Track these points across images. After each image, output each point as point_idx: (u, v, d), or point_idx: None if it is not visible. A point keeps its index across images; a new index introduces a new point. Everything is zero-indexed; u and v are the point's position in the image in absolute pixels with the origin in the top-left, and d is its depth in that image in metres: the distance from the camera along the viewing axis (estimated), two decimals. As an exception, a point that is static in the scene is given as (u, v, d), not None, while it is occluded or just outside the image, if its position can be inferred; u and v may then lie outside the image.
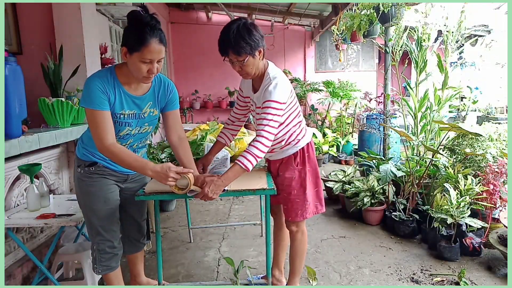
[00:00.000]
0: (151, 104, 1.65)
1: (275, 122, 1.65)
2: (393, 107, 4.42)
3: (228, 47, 1.62)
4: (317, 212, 1.93)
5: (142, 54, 1.41)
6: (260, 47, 1.66)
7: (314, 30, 7.43)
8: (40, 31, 2.96)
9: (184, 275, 2.44)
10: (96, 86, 1.47)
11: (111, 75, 1.52)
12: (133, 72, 1.49)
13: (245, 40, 1.59)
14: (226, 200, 4.03)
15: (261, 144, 1.60)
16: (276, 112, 1.64)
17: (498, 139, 2.91)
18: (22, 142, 2.03)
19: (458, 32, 3.07)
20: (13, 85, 1.94)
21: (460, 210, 2.47)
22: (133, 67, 1.46)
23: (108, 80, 1.51)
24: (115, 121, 1.55)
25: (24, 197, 2.22)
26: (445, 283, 2.26)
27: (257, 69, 1.72)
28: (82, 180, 1.68)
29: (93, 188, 1.68)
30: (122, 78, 1.53)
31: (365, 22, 3.54)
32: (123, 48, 1.43)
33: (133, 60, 1.44)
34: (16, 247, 2.16)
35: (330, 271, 2.45)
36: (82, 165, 1.67)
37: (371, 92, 6.35)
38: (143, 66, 1.45)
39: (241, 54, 1.61)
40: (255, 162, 1.60)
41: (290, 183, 1.86)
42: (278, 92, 1.66)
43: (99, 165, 1.66)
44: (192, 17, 7.21)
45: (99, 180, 1.68)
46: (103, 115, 1.47)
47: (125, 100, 1.55)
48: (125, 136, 1.63)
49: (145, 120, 1.65)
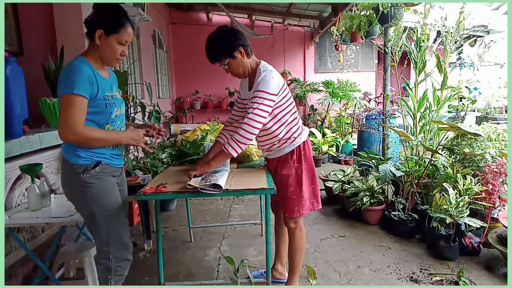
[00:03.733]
0: (115, 87, 1.74)
1: (262, 111, 1.72)
2: (392, 107, 4.42)
3: (209, 56, 1.81)
4: (313, 208, 1.99)
5: (120, 35, 1.55)
6: (238, 47, 1.77)
7: (313, 31, 7.44)
8: (41, 32, 2.97)
9: (184, 274, 2.45)
10: (84, 74, 1.50)
11: (86, 63, 1.56)
12: (107, 55, 1.58)
13: (218, 46, 1.78)
14: (226, 199, 4.04)
15: (246, 132, 1.71)
16: (263, 102, 1.72)
17: (497, 139, 2.92)
18: (23, 142, 2.04)
19: (457, 33, 3.08)
20: (14, 85, 1.95)
21: (459, 209, 2.48)
22: (108, 48, 1.56)
23: (87, 67, 1.55)
24: (106, 104, 1.58)
25: (25, 196, 2.23)
26: (444, 283, 2.27)
27: (245, 67, 1.83)
28: (90, 184, 1.58)
29: (103, 189, 1.62)
30: (94, 64, 1.59)
31: (364, 22, 3.55)
32: (99, 31, 1.52)
33: (110, 41, 1.55)
34: (17, 247, 2.16)
35: (330, 270, 2.46)
36: (87, 169, 1.58)
37: (370, 92, 6.35)
38: (119, 48, 1.57)
39: (220, 59, 1.79)
40: (239, 149, 1.73)
41: (287, 180, 1.92)
42: (267, 83, 1.74)
43: (103, 164, 1.62)
44: (192, 18, 7.23)
45: (108, 180, 1.64)
46: (84, 102, 1.50)
47: (105, 83, 1.61)
48: (115, 118, 1.65)
49: (120, 101, 1.71)
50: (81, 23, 2.91)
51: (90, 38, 1.57)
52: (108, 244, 1.65)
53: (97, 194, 1.60)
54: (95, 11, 1.55)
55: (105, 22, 1.54)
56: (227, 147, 1.72)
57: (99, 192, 1.60)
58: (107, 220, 1.63)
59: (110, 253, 1.65)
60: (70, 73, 1.49)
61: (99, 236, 1.65)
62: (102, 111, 1.57)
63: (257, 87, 1.75)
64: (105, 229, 1.63)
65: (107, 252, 1.65)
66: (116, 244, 1.65)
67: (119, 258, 1.66)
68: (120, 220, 1.67)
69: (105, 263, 1.66)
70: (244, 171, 2.05)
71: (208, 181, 1.66)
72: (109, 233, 1.64)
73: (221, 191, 1.61)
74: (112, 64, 1.65)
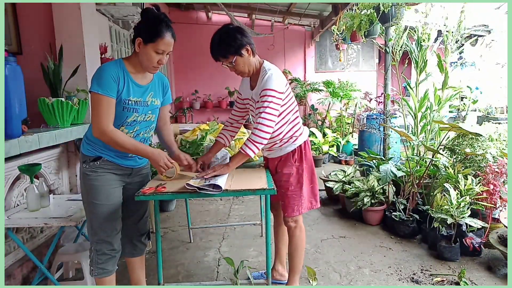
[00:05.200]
0: (152, 94, 1.77)
1: (273, 110, 1.74)
2: (393, 107, 4.41)
3: (215, 53, 1.79)
4: (311, 207, 2.01)
5: (157, 45, 1.59)
6: (245, 45, 1.77)
7: (314, 30, 7.42)
8: (40, 31, 2.95)
9: (184, 275, 2.44)
10: (109, 73, 1.58)
11: (120, 65, 1.66)
12: (144, 62, 1.64)
13: (227, 43, 1.75)
14: (226, 200, 4.03)
15: (261, 131, 1.72)
16: (273, 100, 1.74)
17: (498, 139, 2.91)
18: (22, 142, 2.02)
19: (458, 32, 3.07)
20: (13, 85, 1.94)
21: (460, 210, 2.47)
22: (145, 57, 1.61)
23: (118, 68, 1.64)
24: (123, 107, 1.65)
25: (24, 197, 2.22)
26: (445, 283, 2.26)
27: (250, 66, 1.83)
28: (87, 174, 1.70)
29: (97, 182, 1.70)
30: (130, 68, 1.67)
31: (365, 22, 3.54)
32: (138, 39, 1.60)
33: (147, 50, 1.60)
34: (16, 247, 2.15)
35: (330, 271, 2.45)
36: (87, 160, 1.70)
37: (371, 92, 6.35)
38: (155, 56, 1.61)
39: (228, 56, 1.77)
40: (256, 149, 1.73)
41: (288, 179, 1.93)
42: (275, 81, 1.75)
43: (103, 160, 1.71)
44: (192, 17, 7.21)
45: (103, 175, 1.72)
46: (110, 102, 1.58)
47: (132, 88, 1.67)
48: (132, 122, 1.71)
49: (148, 108, 1.76)
50: (80, 23, 2.92)
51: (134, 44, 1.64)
52: (91, 234, 1.76)
53: (90, 185, 1.70)
54: (141, 18, 1.63)
55: (144, 30, 1.59)
56: (244, 148, 1.73)
57: (92, 184, 1.70)
58: (93, 212, 1.71)
59: (92, 243, 1.75)
60: (98, 71, 1.60)
61: (88, 226, 1.77)
62: (117, 113, 1.64)
63: (265, 85, 1.75)
64: (90, 220, 1.74)
65: (91, 243, 1.76)
66: (96, 237, 1.73)
67: (99, 251, 1.74)
68: (106, 216, 1.73)
69: (89, 254, 1.78)
70: (244, 171, 2.04)
71: (207, 181, 1.65)
72: (92, 225, 1.73)
73: (220, 191, 1.60)
74: (149, 71, 1.70)
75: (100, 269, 1.75)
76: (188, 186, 1.61)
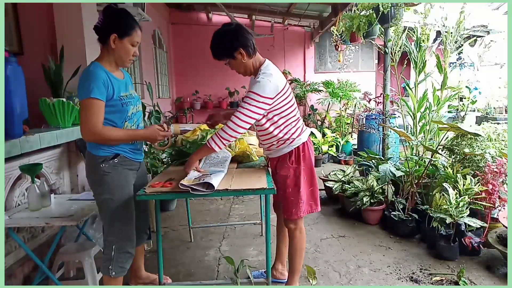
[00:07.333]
0: (131, 86, 1.85)
1: (250, 112, 1.71)
2: (392, 107, 4.42)
3: (212, 54, 1.84)
4: (311, 211, 1.98)
5: (132, 37, 1.68)
6: (238, 49, 1.77)
7: (313, 31, 7.44)
8: (41, 32, 2.97)
9: (184, 274, 2.45)
10: (99, 79, 1.62)
11: (101, 68, 1.68)
12: (122, 56, 1.70)
13: (218, 47, 1.80)
14: (226, 199, 4.04)
15: (230, 129, 1.71)
16: (253, 103, 1.72)
17: (497, 139, 2.92)
18: (23, 142, 2.03)
19: (457, 33, 3.08)
20: (14, 85, 1.94)
21: (459, 209, 2.48)
22: (123, 50, 1.69)
23: (102, 71, 1.67)
24: (122, 103, 1.71)
25: (25, 196, 2.23)
26: (444, 283, 2.27)
27: (246, 67, 1.85)
28: (107, 173, 1.72)
29: (118, 180, 1.75)
30: (107, 68, 1.71)
31: (364, 23, 3.55)
32: (113, 35, 1.64)
33: (123, 44, 1.67)
34: (17, 247, 2.16)
35: (330, 270, 2.46)
36: (106, 159, 1.72)
37: (370, 92, 6.35)
38: (131, 49, 1.70)
39: (220, 58, 1.83)
40: (222, 145, 1.73)
41: (285, 180, 1.92)
42: (262, 86, 1.73)
43: (121, 156, 1.76)
44: (192, 17, 7.23)
45: (123, 172, 1.77)
46: (100, 105, 1.63)
47: (119, 84, 1.73)
48: (132, 115, 1.77)
49: (135, 100, 1.84)
50: (81, 23, 2.93)
51: (102, 42, 1.70)
52: (111, 233, 1.76)
53: (111, 183, 1.73)
54: (105, 16, 1.67)
55: (118, 26, 1.66)
56: (210, 141, 1.73)
57: (113, 181, 1.74)
58: (114, 209, 1.74)
59: (112, 242, 1.76)
60: (87, 79, 1.62)
61: (106, 225, 1.78)
62: (119, 110, 1.70)
63: (251, 88, 1.77)
64: (110, 218, 1.75)
65: (110, 241, 1.76)
66: (119, 235, 1.76)
67: (121, 249, 1.76)
68: (127, 213, 1.77)
69: (107, 253, 1.77)
70: (244, 171, 2.05)
71: (201, 180, 1.64)
72: (113, 223, 1.75)
73: (213, 191, 1.60)
74: (126, 65, 1.77)
75: (119, 267, 1.77)
76: (181, 186, 1.61)
